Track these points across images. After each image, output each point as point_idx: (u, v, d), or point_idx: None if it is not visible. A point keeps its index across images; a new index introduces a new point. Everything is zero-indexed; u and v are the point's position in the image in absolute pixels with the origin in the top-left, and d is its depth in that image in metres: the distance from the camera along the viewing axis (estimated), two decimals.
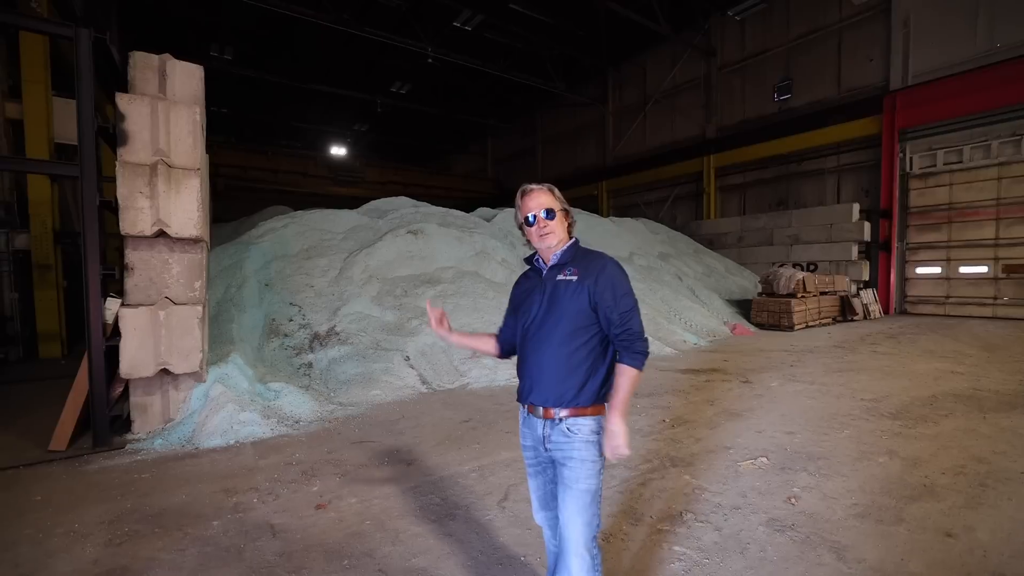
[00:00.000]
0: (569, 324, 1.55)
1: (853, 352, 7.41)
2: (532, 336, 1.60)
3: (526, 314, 1.64)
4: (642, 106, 18.32)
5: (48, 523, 2.66)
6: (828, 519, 2.56)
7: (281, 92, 19.15)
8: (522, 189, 1.66)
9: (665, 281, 10.70)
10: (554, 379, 1.55)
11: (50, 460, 3.55)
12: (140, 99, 3.92)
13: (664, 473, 3.18)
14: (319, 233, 8.13)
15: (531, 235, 1.64)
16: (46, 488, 3.10)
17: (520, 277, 1.78)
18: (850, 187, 13.21)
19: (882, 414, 4.31)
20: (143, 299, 3.94)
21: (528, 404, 1.62)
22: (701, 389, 5.34)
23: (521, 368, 1.66)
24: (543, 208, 1.60)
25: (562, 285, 1.58)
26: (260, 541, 2.46)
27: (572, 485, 1.53)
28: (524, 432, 1.68)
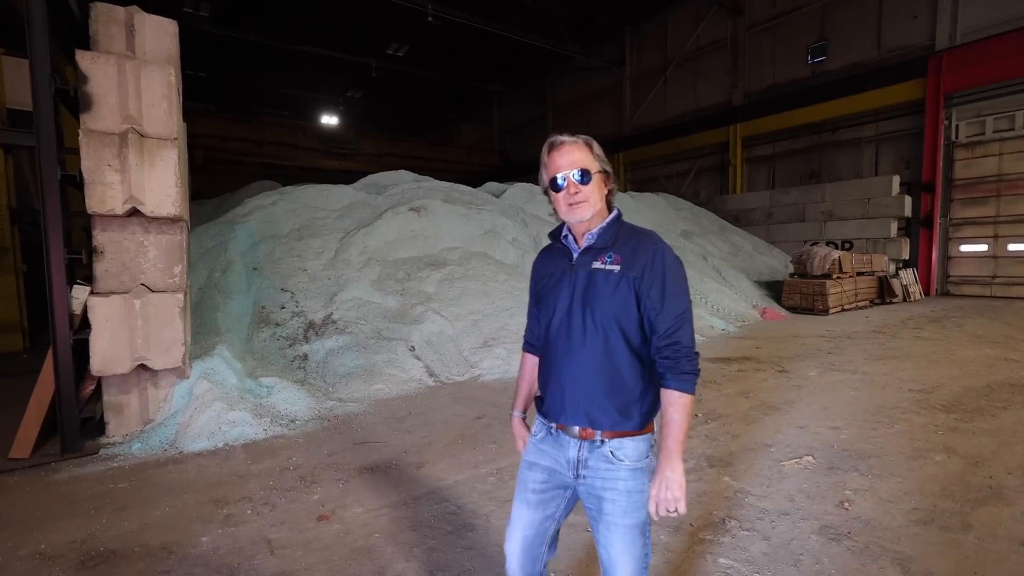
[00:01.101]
0: (612, 325, 1.29)
1: (895, 338, 7.27)
2: (561, 337, 1.35)
3: (551, 308, 1.38)
4: (662, 70, 17.73)
5: (9, 544, 2.46)
6: (887, 526, 2.44)
7: (265, 54, 18.54)
8: (550, 141, 1.34)
9: (689, 261, 10.51)
10: (594, 393, 1.30)
11: (11, 470, 3.34)
12: (105, 57, 3.61)
13: (701, 474, 3.07)
14: (312, 211, 7.86)
15: (558, 203, 1.34)
16: (6, 503, 2.91)
17: (541, 256, 1.50)
18: (889, 158, 12.81)
19: (934, 406, 4.19)
20: (115, 286, 3.70)
21: (553, 421, 1.38)
22: (734, 380, 5.22)
23: (546, 376, 1.40)
24: (576, 168, 1.29)
25: (600, 276, 1.31)
26: (256, 559, 2.29)
27: (618, 521, 1.31)
28: (539, 450, 1.42)
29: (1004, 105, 10.92)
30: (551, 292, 1.40)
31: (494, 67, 21.44)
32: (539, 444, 1.42)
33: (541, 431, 1.43)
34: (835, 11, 13.42)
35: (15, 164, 8.13)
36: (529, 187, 10.49)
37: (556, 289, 1.38)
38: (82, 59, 3.54)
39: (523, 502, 1.41)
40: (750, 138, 15.42)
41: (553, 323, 1.37)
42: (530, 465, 1.43)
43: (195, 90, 18.66)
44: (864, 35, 12.88)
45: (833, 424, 3.83)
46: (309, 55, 18.06)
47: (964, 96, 11.36)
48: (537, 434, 1.44)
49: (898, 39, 12.31)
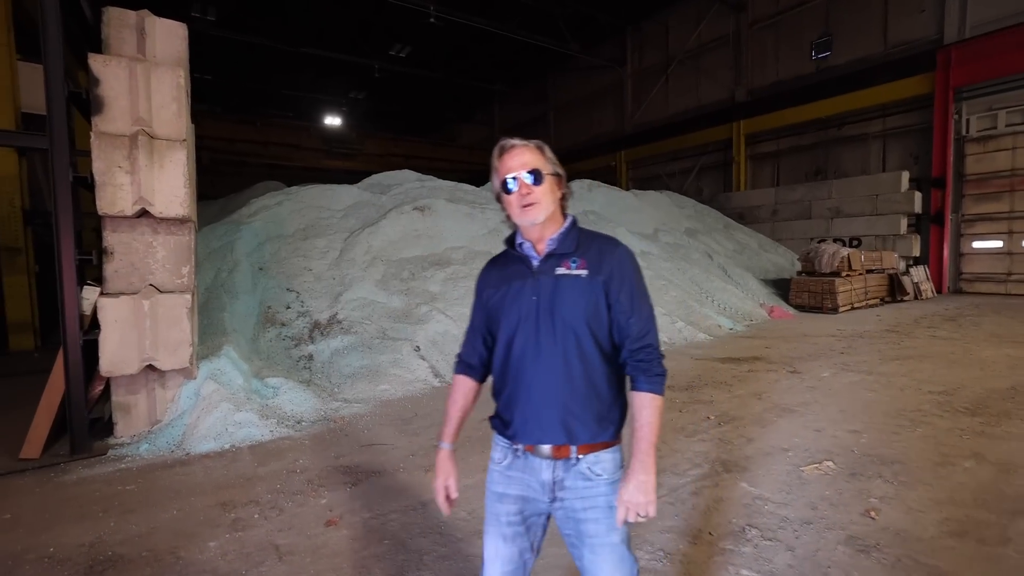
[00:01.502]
0: (584, 331, 1.24)
1: (909, 337, 7.16)
2: (529, 350, 1.25)
3: (511, 321, 1.28)
4: (664, 68, 17.68)
5: (18, 548, 2.47)
6: (919, 537, 2.33)
7: (270, 57, 18.63)
8: (500, 145, 1.29)
9: (694, 259, 10.44)
10: (571, 404, 1.23)
11: (21, 470, 3.35)
12: (116, 60, 3.63)
13: (717, 480, 3.00)
14: (317, 211, 7.87)
15: (510, 206, 1.27)
16: (16, 504, 2.91)
17: (489, 268, 1.39)
18: (897, 154, 12.67)
19: (957, 409, 4.08)
20: (124, 287, 3.71)
21: (523, 443, 1.27)
22: (745, 380, 5.15)
23: (512, 394, 1.29)
24: (527, 169, 1.24)
25: (566, 281, 1.25)
26: (264, 566, 2.27)
27: (603, 540, 1.25)
28: (507, 478, 1.30)
29: (1017, 99, 10.76)
30: (510, 304, 1.29)
31: (496, 67, 21.43)
32: (506, 471, 1.31)
33: (506, 456, 1.31)
34: (840, 6, 13.32)
35: (29, 167, 8.24)
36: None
37: (516, 300, 1.28)
38: (94, 62, 3.56)
39: (498, 536, 1.31)
40: (754, 135, 15.33)
41: (517, 337, 1.27)
42: (500, 496, 1.31)
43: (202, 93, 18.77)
44: (870, 30, 12.76)
45: (852, 427, 3.72)
46: (313, 57, 18.11)
47: (974, 90, 11.22)
48: (501, 460, 1.32)
49: (905, 33, 12.19)
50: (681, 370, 5.62)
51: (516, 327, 1.27)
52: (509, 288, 1.31)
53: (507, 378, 1.31)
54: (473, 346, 1.42)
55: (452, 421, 1.40)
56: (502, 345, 1.31)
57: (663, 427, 3.80)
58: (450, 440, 1.40)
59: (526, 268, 1.30)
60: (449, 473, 1.36)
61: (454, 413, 1.41)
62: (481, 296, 1.39)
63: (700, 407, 4.33)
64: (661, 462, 3.21)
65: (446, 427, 1.41)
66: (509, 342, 1.29)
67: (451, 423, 1.40)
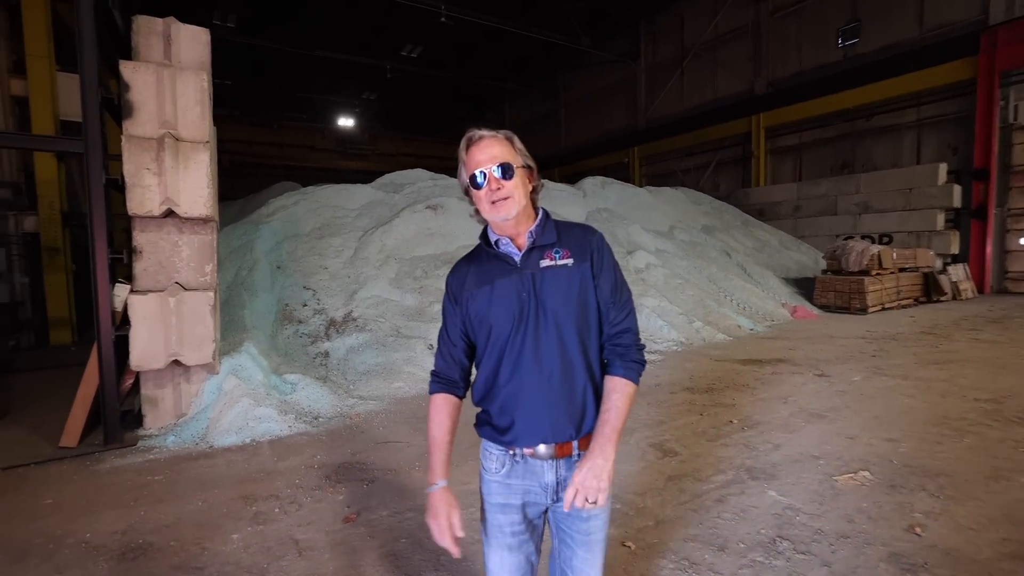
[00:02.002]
0: (579, 322, 1.21)
1: (948, 339, 6.77)
2: (527, 349, 1.20)
3: (501, 322, 1.21)
4: (679, 61, 17.40)
5: (59, 532, 2.59)
6: (973, 558, 2.15)
7: (286, 61, 18.92)
8: (468, 136, 1.22)
9: (712, 258, 10.24)
10: (571, 402, 1.20)
11: (60, 458, 3.53)
12: (145, 67, 3.76)
13: (743, 487, 2.87)
14: (332, 210, 8.00)
15: (480, 202, 1.21)
16: (56, 490, 3.06)
17: (462, 269, 1.30)
18: (933, 145, 11.98)
19: (1009, 419, 3.78)
20: (152, 285, 3.84)
21: (524, 447, 1.21)
22: (768, 383, 5.01)
23: (504, 398, 1.22)
24: (497, 162, 1.17)
25: (551, 273, 1.21)
26: (285, 560, 2.34)
27: (598, 536, 1.26)
28: (507, 487, 1.24)
29: None
30: (497, 303, 1.22)
31: (506, 65, 21.42)
32: (505, 480, 1.24)
33: (504, 464, 1.24)
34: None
35: (67, 171, 8.58)
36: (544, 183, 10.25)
37: (503, 299, 1.22)
38: (125, 68, 3.69)
39: (503, 548, 1.26)
40: (774, 128, 14.84)
41: (511, 337, 1.21)
42: (501, 508, 1.25)
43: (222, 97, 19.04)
44: (903, 14, 12.08)
45: (889, 435, 3.51)
46: (327, 60, 18.34)
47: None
48: (499, 470, 1.25)
49: (943, 15, 11.45)
50: (700, 372, 5.50)
51: (509, 327, 1.20)
52: (492, 288, 1.23)
53: (500, 382, 1.22)
54: (453, 358, 1.30)
55: (442, 451, 1.25)
56: (494, 348, 1.22)
57: (683, 429, 3.81)
58: (445, 475, 1.25)
59: (507, 265, 1.23)
60: (451, 509, 1.22)
61: (443, 440, 1.26)
62: (458, 300, 1.28)
63: (722, 410, 4.22)
64: (682, 466, 3.17)
65: (435, 460, 1.25)
66: (502, 344, 1.21)
67: (441, 453, 1.25)
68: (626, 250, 9.24)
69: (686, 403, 4.47)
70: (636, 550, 2.32)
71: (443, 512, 1.21)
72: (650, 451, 3.46)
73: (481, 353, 1.27)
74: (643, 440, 3.65)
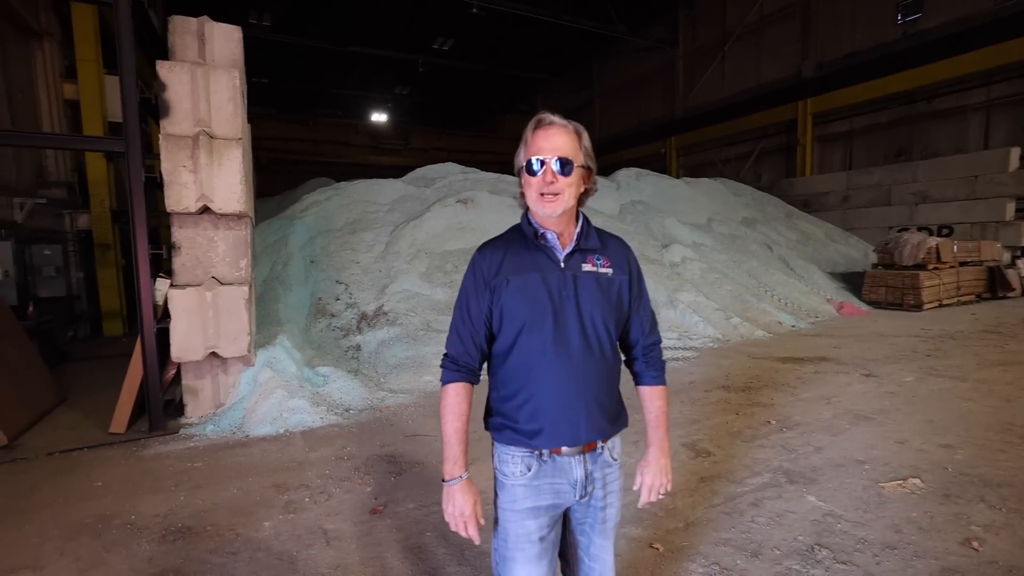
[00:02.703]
0: (609, 328, 1.23)
1: (1016, 339, 6.35)
2: (559, 348, 1.17)
3: (537, 315, 1.17)
4: (720, 46, 16.73)
5: (107, 513, 2.75)
6: None
7: (321, 58, 19.33)
8: (538, 118, 1.18)
9: (752, 251, 9.93)
10: (599, 400, 1.22)
11: (110, 443, 3.75)
12: (180, 66, 3.89)
13: (780, 491, 2.77)
14: (363, 205, 8.14)
15: (529, 189, 1.16)
16: (106, 473, 3.25)
17: (489, 254, 1.22)
18: (1004, 128, 11.02)
19: None
20: (190, 279, 4.00)
21: (552, 447, 1.19)
22: (810, 383, 4.80)
23: (530, 397, 1.18)
24: (558, 155, 1.13)
25: (592, 278, 1.21)
26: (313, 549, 2.40)
27: (612, 525, 1.30)
28: (535, 488, 1.20)
29: None
30: (532, 295, 1.18)
31: (539, 55, 21.19)
32: (533, 481, 1.20)
33: (531, 464, 1.20)
34: None
35: (115, 170, 9.12)
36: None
37: (538, 292, 1.18)
38: (161, 68, 3.83)
39: (530, 559, 1.21)
40: (823, 114, 14.10)
41: (542, 333, 1.17)
42: (531, 512, 1.20)
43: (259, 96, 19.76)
44: None
45: (943, 441, 3.33)
46: (360, 55, 18.64)
47: None
48: (525, 472, 1.20)
49: None
50: (737, 369, 5.34)
51: (541, 322, 1.17)
52: (528, 278, 1.18)
53: (528, 380, 1.18)
54: (475, 343, 1.23)
55: (461, 441, 1.20)
56: (527, 344, 1.17)
57: (717, 429, 3.74)
58: (465, 467, 1.21)
59: (550, 260, 1.20)
60: (476, 498, 1.20)
61: (462, 429, 1.21)
62: (487, 284, 1.20)
63: (759, 410, 4.08)
64: (715, 467, 3.11)
65: (457, 451, 1.20)
66: (531, 339, 1.17)
67: (462, 445, 1.21)
68: (661, 244, 9.05)
69: (721, 402, 4.35)
70: (664, 552, 2.27)
71: (469, 501, 1.20)
72: (682, 451, 3.38)
73: (506, 347, 1.20)
74: (675, 439, 3.56)
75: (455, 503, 1.20)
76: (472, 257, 1.26)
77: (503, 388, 1.23)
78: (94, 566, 2.29)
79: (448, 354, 1.25)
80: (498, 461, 1.26)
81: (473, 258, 1.25)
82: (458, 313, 1.25)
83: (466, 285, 1.24)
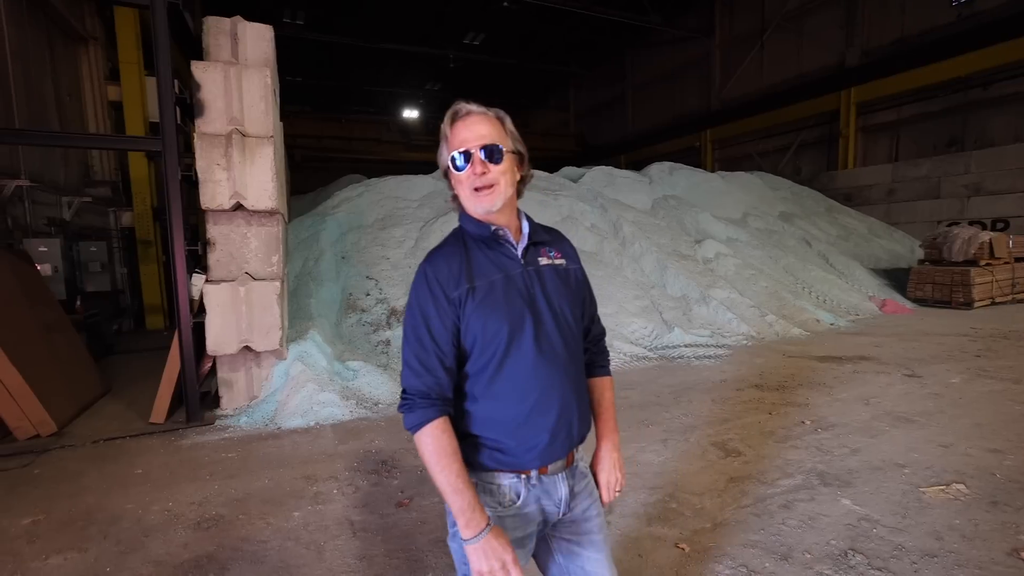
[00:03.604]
0: (578, 324, 1.17)
1: None
2: (543, 356, 1.07)
3: (515, 321, 1.05)
4: (758, 35, 16.18)
5: (147, 499, 2.88)
6: None
7: (353, 55, 19.68)
8: (454, 110, 1.08)
9: (789, 247, 9.62)
10: (579, 409, 1.15)
11: (150, 432, 3.93)
12: (214, 66, 4.01)
13: (813, 493, 2.70)
14: (394, 201, 8.23)
15: (460, 186, 1.07)
16: (146, 461, 3.41)
17: (438, 265, 1.07)
18: None
19: None
20: (224, 275, 4.13)
21: (539, 466, 1.09)
22: (848, 382, 4.64)
23: (519, 415, 1.06)
24: (483, 143, 1.04)
25: (552, 271, 1.13)
26: (340, 540, 2.44)
27: (600, 535, 1.18)
28: (523, 517, 1.09)
29: None
30: (505, 302, 1.06)
31: (570, 48, 20.98)
32: (521, 511, 1.09)
33: (519, 491, 1.08)
34: None
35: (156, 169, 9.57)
36: (609, 170, 10.14)
37: (512, 297, 1.06)
38: (196, 68, 3.95)
39: None
40: (867, 103, 13.44)
41: (524, 341, 1.05)
42: (519, 543, 1.09)
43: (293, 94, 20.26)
44: None
45: (992, 446, 3.18)
46: (391, 52, 18.88)
47: None
48: (514, 502, 1.08)
49: None
50: (771, 368, 5.20)
51: (520, 327, 1.05)
52: (499, 282, 1.07)
53: (523, 391, 1.06)
54: (443, 369, 1.05)
55: (469, 484, 1.01)
56: (510, 353, 1.05)
57: (749, 428, 3.65)
58: (485, 512, 1.02)
59: (508, 258, 1.10)
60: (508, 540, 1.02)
61: (464, 471, 1.02)
62: (448, 298, 1.05)
63: (793, 410, 3.98)
64: (745, 467, 3.04)
65: (467, 499, 0.99)
66: (517, 347, 1.05)
67: (470, 487, 1.01)
68: (694, 239, 8.85)
69: (754, 401, 4.23)
70: (690, 552, 2.23)
71: (508, 547, 1.00)
72: (711, 450, 3.31)
73: (489, 364, 1.05)
74: (704, 438, 3.49)
75: (493, 555, 0.98)
76: (420, 271, 1.08)
77: (488, 408, 1.08)
78: (133, 550, 2.39)
79: (412, 391, 1.04)
80: (481, 492, 1.09)
81: (422, 272, 1.08)
82: (415, 341, 1.05)
83: (421, 306, 1.06)
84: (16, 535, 2.53)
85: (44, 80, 8.00)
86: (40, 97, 7.84)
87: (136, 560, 2.31)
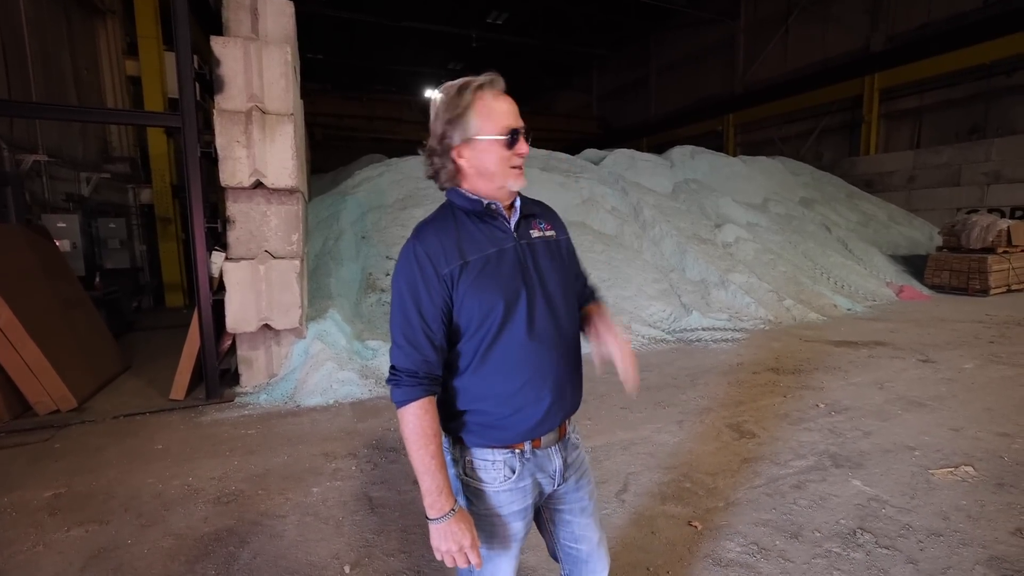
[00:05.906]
0: (572, 294, 1.18)
1: None
2: (539, 330, 1.06)
3: (511, 296, 1.03)
4: (784, 18, 15.58)
5: (167, 474, 2.91)
6: None
7: (375, 33, 19.41)
8: (490, 79, 1.07)
9: (808, 232, 9.45)
10: (574, 380, 1.17)
11: (171, 409, 3.96)
12: (233, 42, 3.93)
13: (825, 474, 2.72)
14: (414, 181, 8.14)
15: (499, 162, 1.05)
16: (166, 437, 3.44)
17: (429, 240, 1.04)
18: None
19: None
20: (244, 253, 4.11)
21: (534, 438, 1.10)
22: (863, 367, 4.60)
23: (515, 389, 1.06)
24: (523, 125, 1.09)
25: (543, 244, 1.14)
26: (359, 515, 2.44)
27: (589, 501, 1.23)
28: (520, 490, 1.10)
29: None
30: (497, 276, 1.04)
31: (595, 30, 20.41)
32: (517, 484, 1.10)
33: (514, 466, 1.09)
34: None
35: (175, 146, 9.56)
36: (631, 153, 9.91)
37: (507, 271, 1.05)
38: (215, 44, 3.88)
39: (515, 555, 1.15)
40: (890, 89, 13.05)
41: (520, 314, 1.04)
42: (518, 514, 1.12)
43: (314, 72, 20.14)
44: None
45: (1001, 430, 3.21)
46: (413, 30, 18.54)
47: None
48: (509, 476, 1.09)
49: None
50: (788, 352, 5.14)
51: (516, 301, 1.04)
52: (493, 256, 1.05)
53: (519, 366, 1.05)
54: (433, 347, 1.03)
55: (442, 468, 1.02)
56: (506, 328, 1.03)
57: (764, 411, 3.63)
58: (453, 496, 1.03)
59: (501, 232, 1.08)
60: (471, 524, 1.04)
61: (440, 453, 1.02)
62: (439, 275, 1.01)
63: (808, 393, 3.96)
64: (759, 448, 3.06)
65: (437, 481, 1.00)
66: (513, 322, 1.03)
67: (442, 471, 1.02)
68: (714, 223, 8.70)
69: (769, 384, 4.22)
70: (702, 530, 2.26)
71: (468, 532, 1.02)
72: (726, 431, 3.32)
73: (484, 340, 1.03)
74: (719, 420, 3.51)
75: (451, 538, 1.00)
76: (407, 247, 1.04)
77: (482, 384, 1.06)
78: (154, 523, 2.41)
79: (408, 368, 1.03)
80: (472, 468, 1.10)
81: (411, 247, 1.04)
82: (402, 319, 1.03)
83: (410, 282, 1.02)
84: (38, 507, 2.57)
85: (61, 54, 7.90)
86: (58, 71, 7.75)
87: (157, 533, 2.33)
